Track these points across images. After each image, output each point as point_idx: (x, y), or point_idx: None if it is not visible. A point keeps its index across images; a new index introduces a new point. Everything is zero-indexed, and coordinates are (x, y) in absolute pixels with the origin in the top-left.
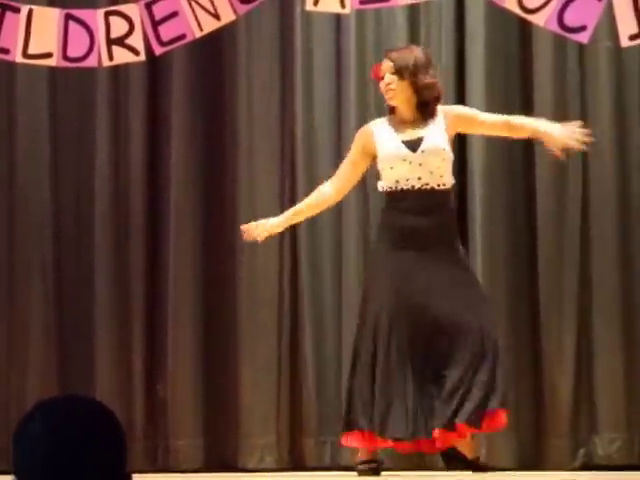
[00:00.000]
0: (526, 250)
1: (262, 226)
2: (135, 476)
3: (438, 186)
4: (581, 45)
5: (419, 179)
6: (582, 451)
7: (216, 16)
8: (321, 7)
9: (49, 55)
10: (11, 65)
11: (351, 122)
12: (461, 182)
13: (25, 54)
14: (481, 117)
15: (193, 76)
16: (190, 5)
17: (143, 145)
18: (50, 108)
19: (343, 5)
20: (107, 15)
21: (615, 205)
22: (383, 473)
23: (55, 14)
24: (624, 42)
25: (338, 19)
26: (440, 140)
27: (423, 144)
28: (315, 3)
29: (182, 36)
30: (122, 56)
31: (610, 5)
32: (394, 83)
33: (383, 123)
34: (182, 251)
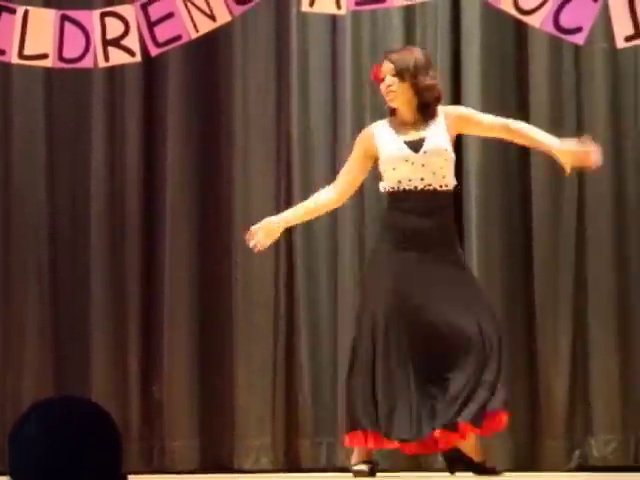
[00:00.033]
0: (522, 251)
1: (268, 225)
2: (131, 477)
3: (440, 187)
4: (577, 46)
5: (422, 180)
6: (577, 452)
7: (212, 17)
8: (317, 8)
9: (45, 56)
10: (7, 66)
11: (347, 123)
12: (457, 183)
13: (21, 55)
14: (480, 118)
15: (189, 77)
16: (186, 6)
17: (139, 146)
18: (46, 109)
19: (339, 6)
20: (103, 16)
21: (611, 206)
22: (378, 474)
23: (51, 15)
24: (620, 43)
25: (334, 20)
26: (442, 141)
27: (425, 145)
28: (311, 4)
29: (178, 37)
30: (118, 57)
31: (606, 6)
32: (395, 85)
33: (384, 125)
34: (178, 252)
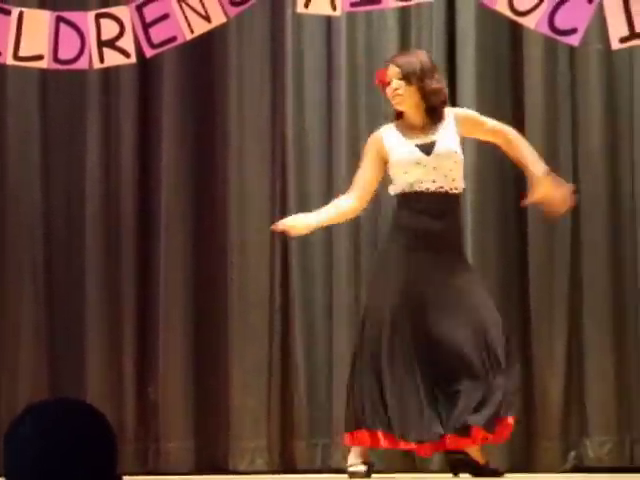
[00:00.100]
0: (517, 256)
1: (299, 222)
2: (126, 478)
3: (451, 190)
4: (572, 48)
5: (433, 182)
6: (573, 453)
7: (207, 18)
8: (312, 9)
9: (40, 57)
10: (2, 67)
11: (342, 124)
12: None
13: (16, 56)
14: (485, 121)
15: (184, 78)
16: (181, 7)
17: (134, 147)
18: (41, 110)
19: (334, 7)
20: (98, 17)
21: (606, 207)
22: (373, 475)
23: (46, 16)
24: (615, 45)
25: (329, 21)
26: (452, 143)
27: (436, 147)
28: (306, 5)
29: (173, 38)
30: (113, 58)
31: (601, 7)
32: (402, 88)
33: (391, 129)
34: (173, 253)
